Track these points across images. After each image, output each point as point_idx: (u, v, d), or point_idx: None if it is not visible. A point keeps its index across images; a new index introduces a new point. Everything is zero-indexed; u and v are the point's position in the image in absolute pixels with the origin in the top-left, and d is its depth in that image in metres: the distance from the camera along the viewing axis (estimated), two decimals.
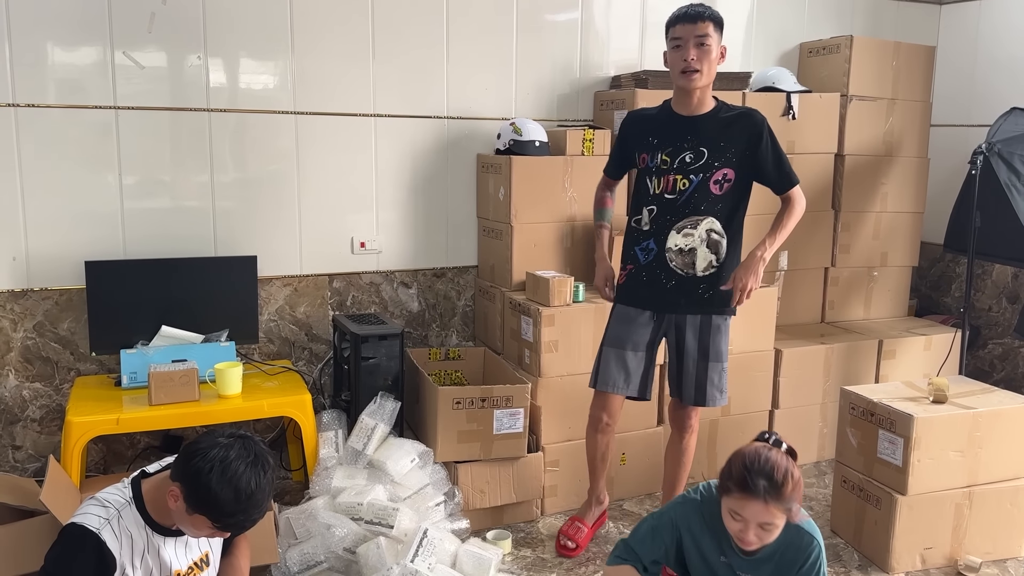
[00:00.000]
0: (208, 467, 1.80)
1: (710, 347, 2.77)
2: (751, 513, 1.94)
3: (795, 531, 2.06)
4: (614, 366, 2.81)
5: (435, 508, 2.88)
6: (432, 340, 3.79)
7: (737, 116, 2.69)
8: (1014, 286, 4.29)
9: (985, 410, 2.89)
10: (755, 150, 2.67)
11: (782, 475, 1.92)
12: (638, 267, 2.77)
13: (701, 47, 2.58)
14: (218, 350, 3.06)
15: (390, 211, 3.61)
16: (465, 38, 3.61)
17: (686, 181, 2.67)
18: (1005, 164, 3.36)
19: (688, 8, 2.62)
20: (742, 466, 1.95)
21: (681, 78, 2.63)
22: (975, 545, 2.94)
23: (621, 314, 2.83)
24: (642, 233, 2.77)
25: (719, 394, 2.80)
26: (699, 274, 2.71)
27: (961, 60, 4.53)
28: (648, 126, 2.76)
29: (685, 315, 2.76)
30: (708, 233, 2.69)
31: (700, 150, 2.66)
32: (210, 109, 3.27)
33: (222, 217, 3.34)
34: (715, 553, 2.14)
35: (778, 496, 1.92)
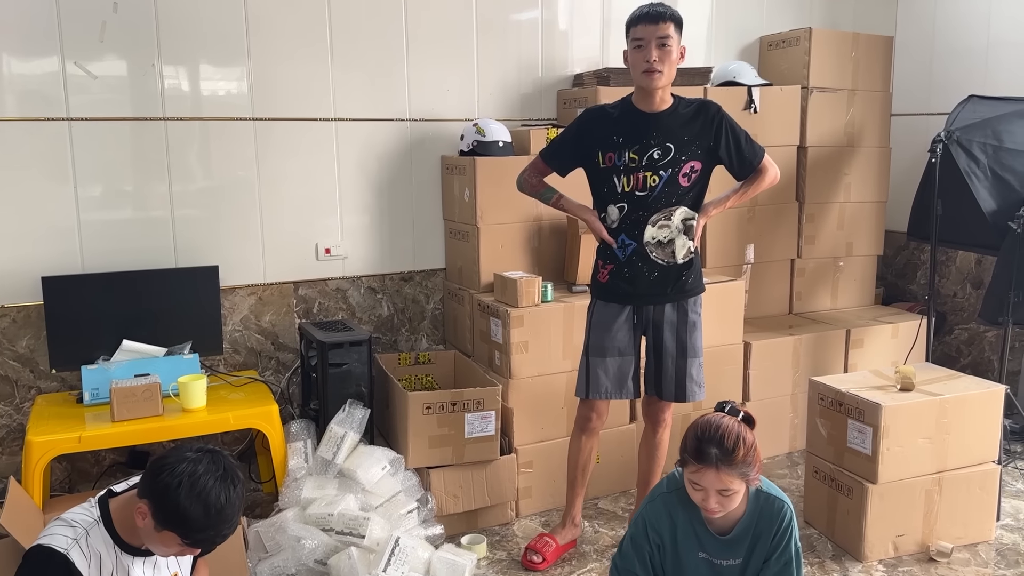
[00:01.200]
0: (176, 482, 1.76)
1: (687, 343, 2.80)
2: (707, 481, 1.97)
3: (764, 500, 2.10)
4: (603, 375, 2.82)
5: (408, 515, 2.85)
6: (402, 345, 3.76)
7: (696, 110, 2.73)
8: (978, 271, 4.34)
9: (951, 396, 2.92)
10: (718, 141, 2.72)
11: (733, 441, 1.95)
12: (618, 264, 2.77)
13: (663, 48, 2.60)
14: (181, 363, 3.01)
15: (354, 216, 3.57)
16: (425, 39, 3.59)
17: (656, 177, 2.69)
18: (964, 152, 3.39)
19: (649, 8, 2.63)
20: (695, 436, 2.00)
21: (643, 78, 2.64)
22: (946, 530, 2.97)
23: (600, 320, 2.82)
24: (612, 232, 2.77)
25: (698, 389, 2.84)
26: (680, 262, 2.75)
27: (919, 49, 4.58)
28: (611, 124, 2.74)
29: (663, 308, 2.78)
30: (683, 221, 2.73)
31: (667, 146, 2.68)
32: (166, 118, 3.21)
33: (182, 227, 3.28)
34: (693, 548, 2.14)
35: (730, 462, 1.95)
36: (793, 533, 2.11)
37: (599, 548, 3.03)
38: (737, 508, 2.08)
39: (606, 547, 3.02)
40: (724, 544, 2.12)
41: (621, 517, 3.25)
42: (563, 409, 3.27)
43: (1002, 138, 3.38)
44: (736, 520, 2.11)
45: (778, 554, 2.09)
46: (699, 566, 2.15)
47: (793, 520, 2.12)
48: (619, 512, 3.30)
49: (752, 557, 2.12)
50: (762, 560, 2.11)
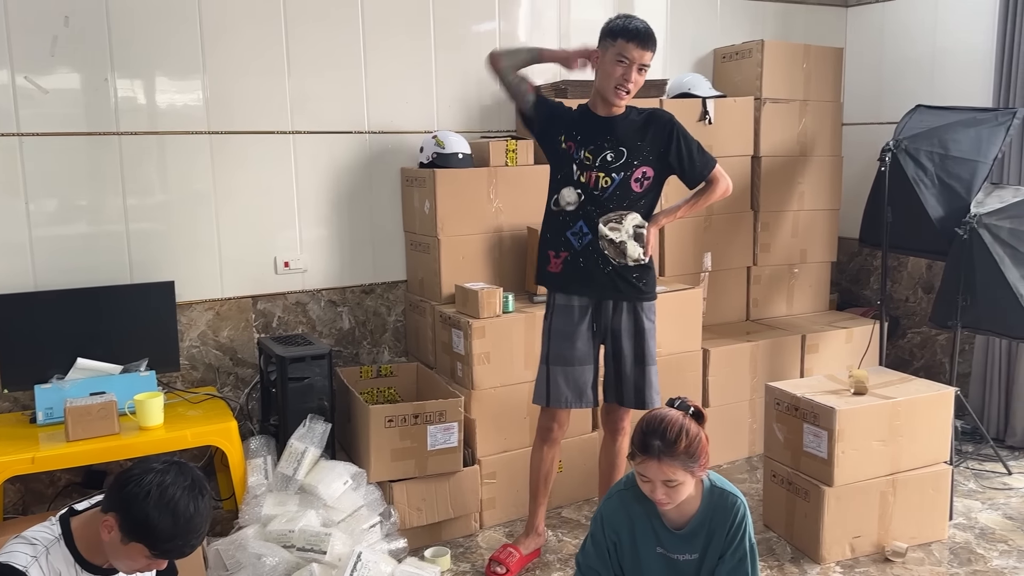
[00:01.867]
0: (144, 493, 1.75)
1: (645, 351, 2.83)
2: (652, 472, 2.03)
3: (719, 495, 2.16)
4: (563, 383, 2.83)
5: (370, 530, 2.84)
6: (363, 358, 3.74)
7: (647, 118, 2.79)
8: (928, 276, 4.45)
9: (904, 399, 2.99)
10: (668, 147, 2.76)
11: (675, 433, 2.00)
12: (574, 253, 2.78)
13: (641, 72, 2.68)
14: (138, 380, 2.97)
15: (314, 229, 3.56)
16: (383, 52, 3.59)
17: (608, 179, 2.73)
18: (912, 160, 3.48)
19: (643, 30, 2.67)
20: (640, 429, 2.07)
21: (612, 92, 2.70)
22: (901, 531, 3.03)
23: (560, 328, 2.82)
24: (569, 216, 2.78)
25: (656, 395, 2.86)
26: (630, 264, 2.77)
27: (869, 60, 4.69)
28: (573, 121, 2.82)
29: (620, 314, 2.81)
30: (634, 228, 2.75)
31: (620, 149, 2.74)
32: (120, 132, 3.17)
33: (137, 242, 3.24)
34: (651, 544, 2.19)
35: (672, 453, 2.00)
36: (747, 528, 2.16)
37: (563, 557, 3.04)
38: (691, 503, 2.14)
39: (569, 556, 3.03)
40: (680, 539, 2.17)
41: (584, 525, 3.27)
42: (525, 419, 3.28)
43: (948, 147, 3.48)
44: (691, 515, 2.16)
45: (733, 549, 2.14)
46: (657, 561, 2.20)
47: (747, 515, 2.16)
48: (582, 520, 3.32)
49: (708, 552, 2.17)
50: (717, 555, 2.15)
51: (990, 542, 3.10)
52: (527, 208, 3.46)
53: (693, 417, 2.08)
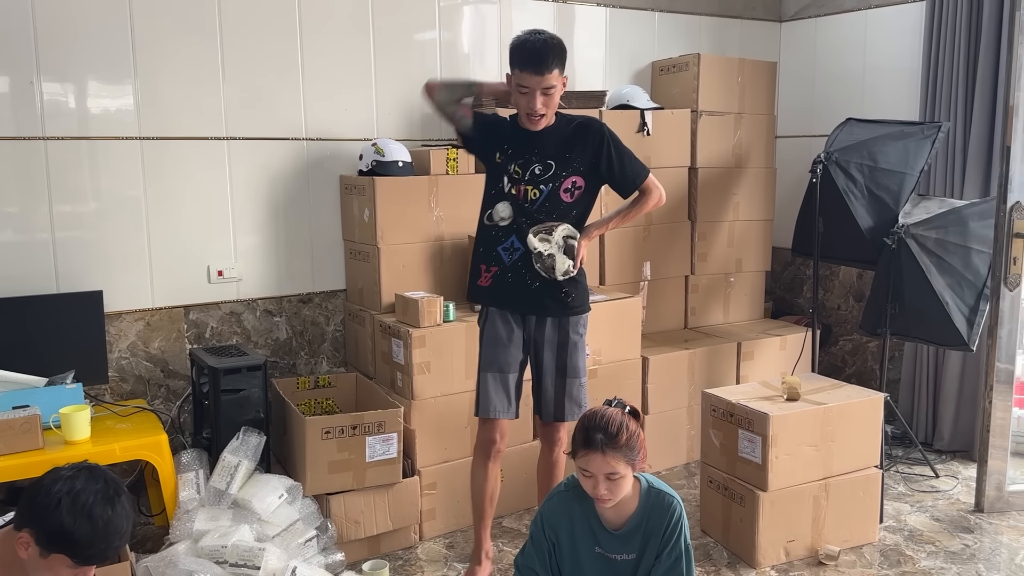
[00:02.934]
0: (55, 502, 1.70)
1: (567, 364, 2.79)
2: (595, 466, 2.08)
3: (656, 496, 2.21)
4: (493, 391, 2.79)
5: (306, 544, 2.79)
6: (301, 368, 3.68)
7: (577, 127, 2.75)
8: (859, 285, 4.57)
9: (835, 404, 3.06)
10: (599, 158, 2.73)
11: (616, 427, 2.09)
12: (503, 268, 2.76)
13: (547, 95, 2.62)
14: (64, 393, 2.86)
15: (249, 237, 3.49)
16: (321, 58, 3.55)
17: (536, 191, 2.71)
18: (843, 172, 3.58)
19: (534, 52, 2.58)
20: (582, 426, 2.14)
21: (527, 120, 2.68)
22: (833, 534, 3.10)
23: (493, 335, 2.80)
24: (502, 231, 2.75)
25: (578, 409, 2.80)
26: (559, 278, 2.72)
27: (801, 74, 4.81)
28: (506, 134, 2.78)
29: (544, 326, 2.78)
30: (564, 239, 2.71)
31: (548, 162, 2.71)
32: (47, 137, 3.07)
33: (64, 251, 3.14)
34: (589, 544, 2.22)
35: (614, 446, 2.07)
36: (683, 529, 2.20)
37: (503, 568, 3.03)
38: (629, 504, 2.19)
39: (510, 566, 3.02)
40: (618, 539, 2.21)
41: (525, 535, 3.26)
42: (466, 429, 3.26)
43: (877, 159, 3.58)
44: (628, 515, 2.20)
45: (669, 549, 2.18)
46: (595, 561, 2.23)
47: (683, 516, 2.21)
48: (523, 530, 3.31)
49: (645, 552, 2.20)
50: (655, 555, 2.19)
51: (918, 543, 3.19)
52: (468, 217, 3.43)
53: (630, 415, 2.16)
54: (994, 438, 3.38)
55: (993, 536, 3.24)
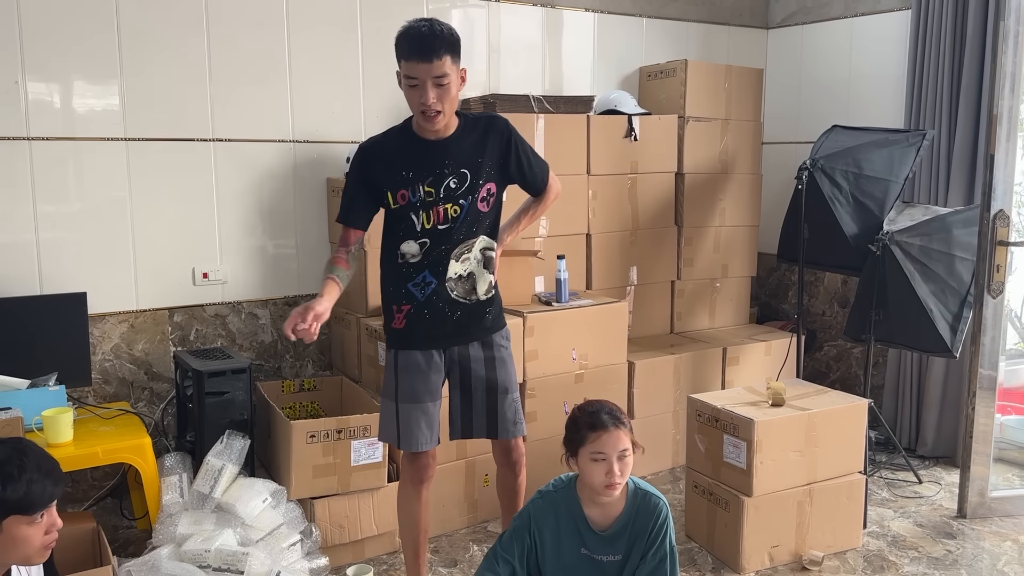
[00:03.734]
0: None
1: (497, 380, 2.56)
2: (611, 444, 2.13)
3: (642, 497, 2.24)
4: (415, 424, 2.51)
5: (290, 548, 2.77)
6: (286, 371, 3.67)
7: (484, 128, 2.48)
8: (844, 291, 4.60)
9: (819, 410, 3.07)
10: (508, 157, 2.49)
11: (614, 406, 2.22)
12: (417, 305, 2.47)
13: (440, 87, 2.30)
14: (46, 395, 2.84)
15: (235, 239, 3.48)
16: (309, 60, 3.54)
17: (456, 208, 2.43)
18: (828, 179, 3.59)
19: (419, 39, 2.28)
20: (586, 411, 2.20)
21: (422, 119, 2.35)
22: (817, 540, 3.11)
23: (407, 364, 2.51)
24: (411, 267, 2.46)
25: (512, 426, 2.59)
26: (482, 298, 2.53)
27: (788, 81, 4.84)
28: (395, 159, 2.42)
29: (468, 347, 2.53)
30: (482, 252, 2.51)
31: (462, 172, 2.42)
32: (31, 137, 3.05)
33: (48, 252, 3.12)
34: (575, 545, 2.23)
35: (621, 422, 2.17)
36: (669, 530, 2.22)
37: None
38: (616, 505, 2.22)
39: None
40: (604, 540, 2.22)
41: None
42: None
43: (862, 166, 3.60)
44: (615, 516, 2.22)
45: (654, 550, 2.20)
46: (581, 563, 2.24)
47: (669, 517, 2.23)
48: None
49: (631, 553, 2.22)
50: (640, 557, 2.21)
51: (902, 549, 3.20)
52: None
53: None
54: (977, 444, 3.40)
55: (975, 542, 3.26)
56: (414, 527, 2.64)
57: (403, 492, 2.65)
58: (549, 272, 3.70)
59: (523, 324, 3.38)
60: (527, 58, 4.13)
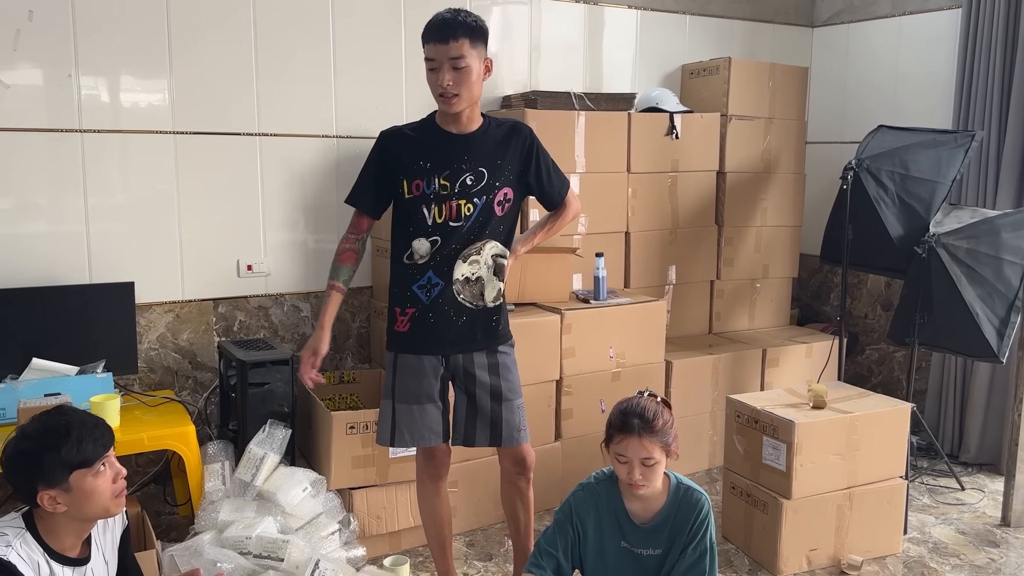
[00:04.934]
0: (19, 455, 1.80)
1: (501, 387, 2.51)
2: (632, 450, 2.12)
3: (684, 492, 2.24)
4: (412, 422, 2.48)
5: (329, 538, 2.81)
6: (326, 364, 3.66)
7: (507, 132, 2.46)
8: (887, 294, 4.53)
9: (861, 414, 3.03)
10: (528, 165, 2.47)
11: (651, 413, 2.15)
12: (422, 308, 2.43)
13: (457, 70, 2.28)
14: (94, 382, 2.91)
15: (278, 232, 3.53)
16: (353, 56, 3.58)
17: (470, 206, 2.39)
18: (873, 179, 3.55)
19: (439, 22, 2.28)
20: (619, 412, 2.18)
21: (440, 101, 2.35)
22: (856, 544, 3.07)
23: (407, 366, 2.48)
24: (417, 268, 2.43)
25: (517, 433, 2.54)
26: (490, 305, 2.47)
27: (832, 80, 4.78)
28: (415, 148, 2.40)
29: (472, 353, 2.49)
30: (493, 258, 2.45)
31: (480, 171, 2.39)
32: (83, 130, 3.12)
33: (97, 242, 3.19)
34: (615, 538, 2.24)
35: (651, 430, 2.12)
36: (709, 526, 2.21)
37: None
38: (657, 499, 2.22)
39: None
40: (644, 534, 2.22)
41: None
42: None
43: (908, 167, 3.54)
44: (656, 511, 2.22)
45: (694, 544, 2.19)
46: (620, 555, 2.24)
47: (710, 514, 2.22)
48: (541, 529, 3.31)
49: (671, 548, 2.21)
50: (680, 551, 2.20)
51: (943, 556, 3.15)
52: None
53: (663, 404, 2.22)
54: (1022, 452, 3.34)
55: (1020, 551, 3.20)
56: (436, 521, 2.66)
57: (420, 487, 2.67)
58: (587, 270, 3.69)
59: (560, 321, 3.38)
60: (568, 55, 4.12)
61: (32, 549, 1.81)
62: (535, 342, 3.30)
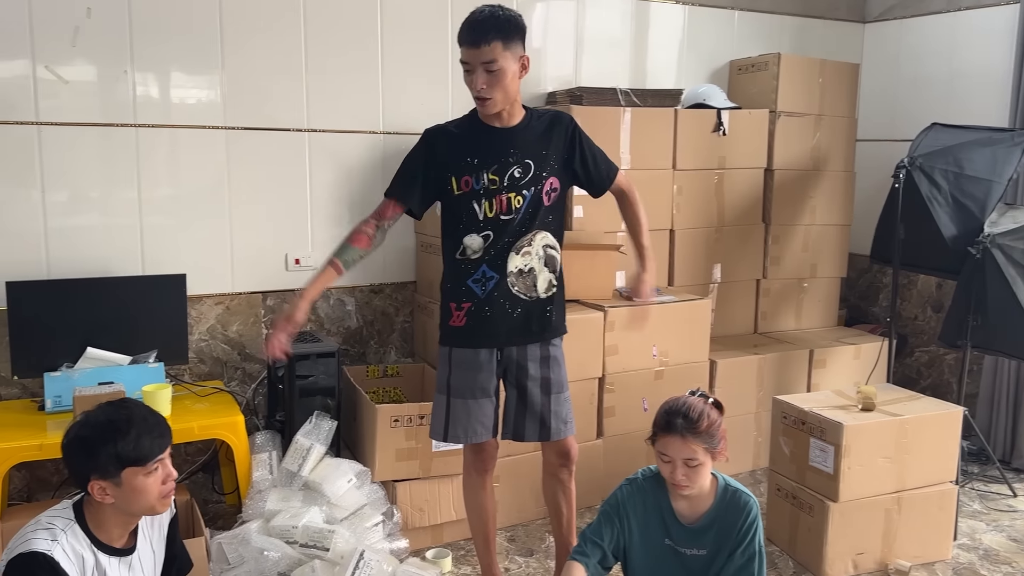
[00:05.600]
0: (79, 441, 1.82)
1: (551, 379, 2.53)
2: (674, 450, 2.10)
3: (732, 494, 2.21)
4: (466, 417, 2.50)
5: (373, 529, 2.84)
6: (370, 357, 3.75)
7: (549, 122, 2.47)
8: (938, 295, 4.43)
9: (911, 417, 2.98)
10: (573, 152, 2.47)
11: (697, 414, 2.11)
12: (478, 302, 2.44)
13: (491, 73, 2.29)
14: (146, 371, 2.98)
15: (325, 227, 3.57)
16: (400, 52, 3.60)
17: (520, 198, 2.40)
18: (926, 178, 3.48)
19: (472, 24, 2.29)
20: (664, 411, 2.16)
21: (476, 103, 2.38)
22: (904, 549, 3.02)
23: (463, 360, 2.50)
24: (471, 263, 2.44)
25: (563, 426, 2.55)
26: (542, 296, 2.49)
27: (884, 77, 4.69)
28: (461, 145, 2.41)
29: (526, 347, 2.50)
30: (544, 249, 2.47)
31: (526, 163, 2.40)
32: (137, 124, 3.19)
33: (150, 235, 3.26)
34: (660, 535, 2.23)
35: (694, 431, 2.09)
36: (758, 529, 2.19)
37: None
38: (705, 500, 2.20)
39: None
40: (690, 533, 2.21)
41: None
42: None
43: (963, 165, 3.47)
44: (703, 511, 2.20)
45: (743, 548, 2.16)
46: (664, 553, 2.23)
47: (758, 517, 2.20)
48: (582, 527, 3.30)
49: (718, 551, 2.19)
50: (727, 554, 2.18)
51: (994, 563, 3.08)
52: None
53: (713, 405, 2.17)
54: None
55: None
56: (482, 515, 2.68)
57: (467, 481, 2.69)
58: (631, 267, 3.67)
59: (604, 319, 3.37)
60: (612, 51, 4.10)
61: (79, 541, 1.84)
62: (578, 339, 3.29)
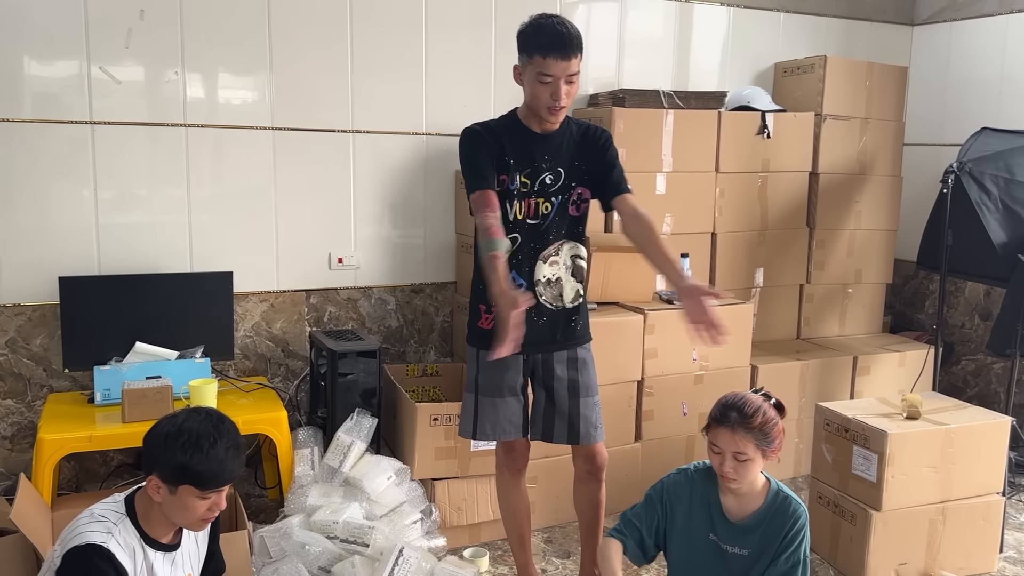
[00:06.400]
0: (163, 435, 1.83)
1: (579, 382, 2.53)
2: (724, 442, 2.11)
3: (782, 499, 2.19)
4: (495, 415, 2.52)
5: (412, 526, 2.87)
6: (410, 356, 3.78)
7: (584, 132, 2.48)
8: (986, 303, 4.34)
9: (957, 426, 2.92)
10: (602, 158, 2.46)
11: (752, 410, 2.10)
12: None
13: (570, 84, 2.31)
14: (193, 367, 3.04)
15: (368, 227, 3.61)
16: (443, 54, 3.63)
17: (548, 204, 2.42)
18: (976, 183, 3.41)
19: (559, 37, 2.27)
20: (720, 403, 2.17)
21: (546, 112, 2.35)
22: (949, 560, 2.96)
23: (490, 362, 2.42)
24: None
25: (594, 430, 2.54)
26: (568, 306, 2.50)
27: (933, 80, 4.61)
28: (501, 143, 2.41)
29: (552, 352, 2.52)
30: (572, 259, 2.48)
31: (558, 171, 2.42)
32: (187, 124, 3.26)
33: (198, 232, 3.32)
34: (705, 528, 2.22)
35: (746, 425, 2.08)
36: (805, 537, 2.17)
37: None
38: (754, 500, 2.19)
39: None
40: (736, 531, 2.20)
41: None
42: None
43: (1014, 171, 3.40)
44: (752, 511, 2.19)
45: (788, 554, 2.14)
46: (707, 547, 2.22)
47: (806, 525, 2.18)
48: None
49: (761, 554, 2.18)
50: (770, 559, 2.16)
51: None
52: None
53: (774, 406, 2.16)
54: None
55: None
56: (515, 514, 2.69)
57: (500, 480, 2.71)
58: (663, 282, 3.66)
59: (643, 322, 3.36)
60: (655, 53, 4.09)
61: (130, 535, 1.88)
62: (617, 342, 3.30)
